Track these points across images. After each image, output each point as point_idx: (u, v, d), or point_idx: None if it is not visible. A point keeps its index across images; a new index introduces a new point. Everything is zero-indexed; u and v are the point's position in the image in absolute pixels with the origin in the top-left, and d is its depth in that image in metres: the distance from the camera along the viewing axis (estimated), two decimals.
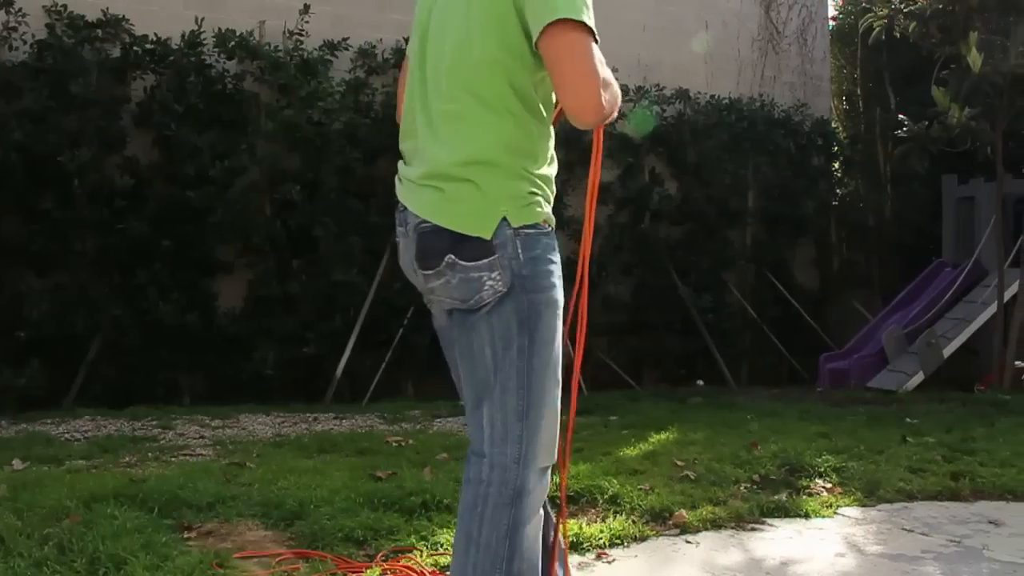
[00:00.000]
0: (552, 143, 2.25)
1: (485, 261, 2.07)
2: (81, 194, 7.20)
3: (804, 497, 4.28)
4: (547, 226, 2.16)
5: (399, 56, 8.59)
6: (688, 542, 3.66)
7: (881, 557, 3.51)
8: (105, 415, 6.43)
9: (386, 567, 3.16)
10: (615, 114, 2.13)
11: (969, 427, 6.08)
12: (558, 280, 2.17)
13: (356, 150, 8.01)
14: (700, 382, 9.21)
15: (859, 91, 11.93)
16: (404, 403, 7.52)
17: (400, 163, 2.31)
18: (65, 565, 2.97)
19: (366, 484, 4.09)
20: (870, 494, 4.35)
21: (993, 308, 8.81)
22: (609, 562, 3.39)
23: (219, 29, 7.74)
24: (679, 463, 4.67)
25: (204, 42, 7.70)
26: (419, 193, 2.17)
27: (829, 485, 4.47)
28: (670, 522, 3.83)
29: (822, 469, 4.69)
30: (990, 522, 3.99)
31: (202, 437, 5.75)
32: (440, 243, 2.09)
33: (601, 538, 3.55)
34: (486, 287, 2.08)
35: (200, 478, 4.10)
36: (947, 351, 8.87)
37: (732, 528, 3.84)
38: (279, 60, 7.88)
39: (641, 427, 5.94)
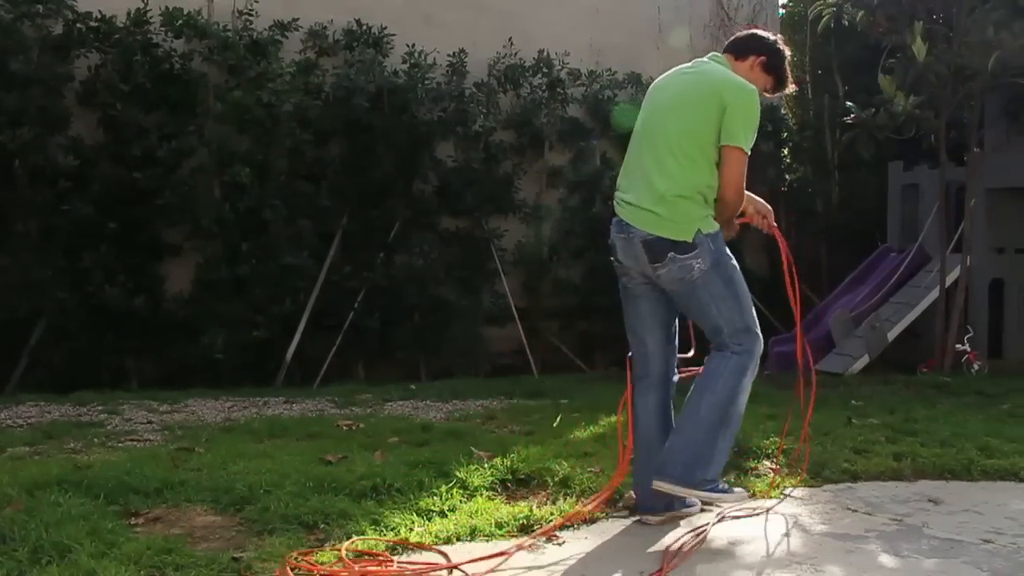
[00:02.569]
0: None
1: (693, 253, 3.45)
2: (23, 175, 7.05)
3: (752, 478, 4.35)
4: (718, 229, 3.54)
5: (350, 38, 8.53)
6: (637, 523, 3.70)
7: (826, 536, 3.58)
8: (49, 401, 6.31)
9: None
10: (741, 206, 3.63)
11: (912, 409, 6.22)
12: (729, 252, 3.58)
13: (306, 132, 7.94)
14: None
15: (808, 78, 12.07)
16: (355, 387, 7.49)
17: (618, 192, 3.64)
18: (6, 554, 2.92)
19: (316, 468, 4.07)
20: (816, 475, 4.43)
21: (936, 293, 9.00)
22: (559, 544, 3.41)
23: (166, 7, 7.61)
24: (629, 445, 4.71)
25: (151, 20, 7.56)
26: (640, 215, 3.50)
27: (776, 466, 4.55)
28: (620, 504, 3.87)
29: (770, 451, 4.77)
30: (930, 501, 4.09)
31: (150, 422, 5.67)
32: (663, 247, 3.45)
33: (551, 520, 3.58)
34: (696, 268, 3.47)
35: (148, 463, 4.05)
36: (891, 334, 9.05)
37: None
38: (228, 40, 7.76)
39: (592, 410, 5.97)
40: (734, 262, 3.57)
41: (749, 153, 3.48)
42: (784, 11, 12.43)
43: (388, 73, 8.38)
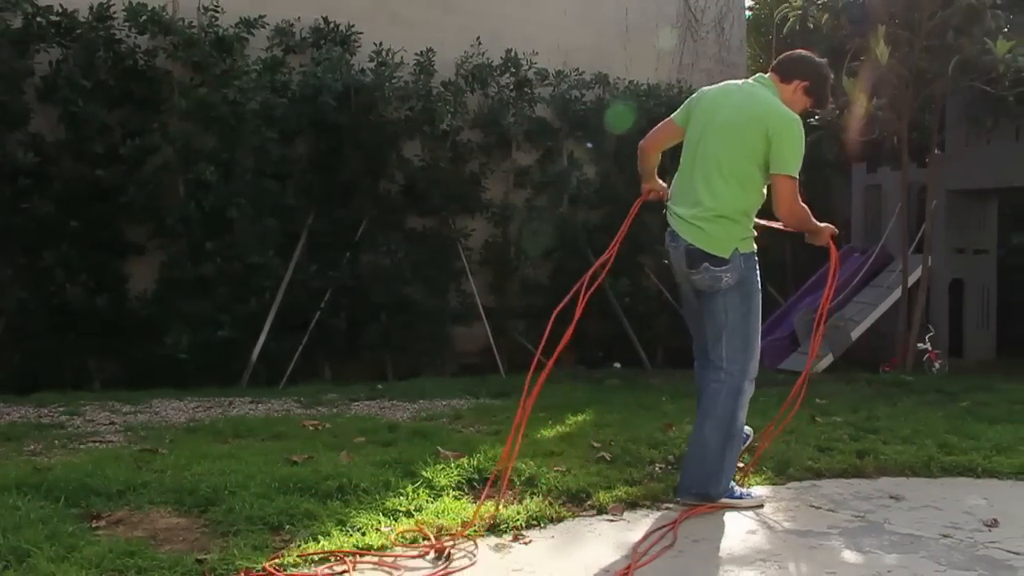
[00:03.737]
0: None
1: (724, 267, 3.83)
2: None
3: None
4: (754, 251, 3.91)
5: (317, 35, 8.48)
6: (604, 522, 3.72)
7: (790, 533, 3.62)
8: (8, 402, 6.20)
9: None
10: (801, 225, 3.92)
11: (874, 407, 6.30)
12: (758, 278, 3.93)
13: (272, 130, 7.87)
14: (617, 364, 9.33)
15: None
16: (321, 387, 7.45)
17: (670, 204, 4.08)
18: None
19: (282, 469, 4.05)
20: (780, 472, 4.47)
21: (898, 292, 9.13)
22: (526, 543, 3.42)
23: (130, 2, 7.51)
24: (595, 444, 4.74)
25: (114, 15, 7.46)
26: (688, 227, 3.90)
27: (741, 464, 4.58)
28: (587, 503, 3.89)
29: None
30: (891, 497, 4.15)
31: (112, 423, 5.60)
32: (701, 257, 3.85)
33: (518, 520, 3.59)
34: (724, 281, 3.84)
35: (110, 465, 4.00)
36: (855, 334, 9.16)
37: (647, 508, 3.91)
38: (193, 36, 7.68)
39: (558, 409, 5.99)
40: (758, 285, 3.94)
41: (798, 177, 3.76)
42: (751, 13, 12.54)
43: (355, 71, 8.34)
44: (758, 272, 3.94)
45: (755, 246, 3.92)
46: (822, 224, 4.00)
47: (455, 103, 8.92)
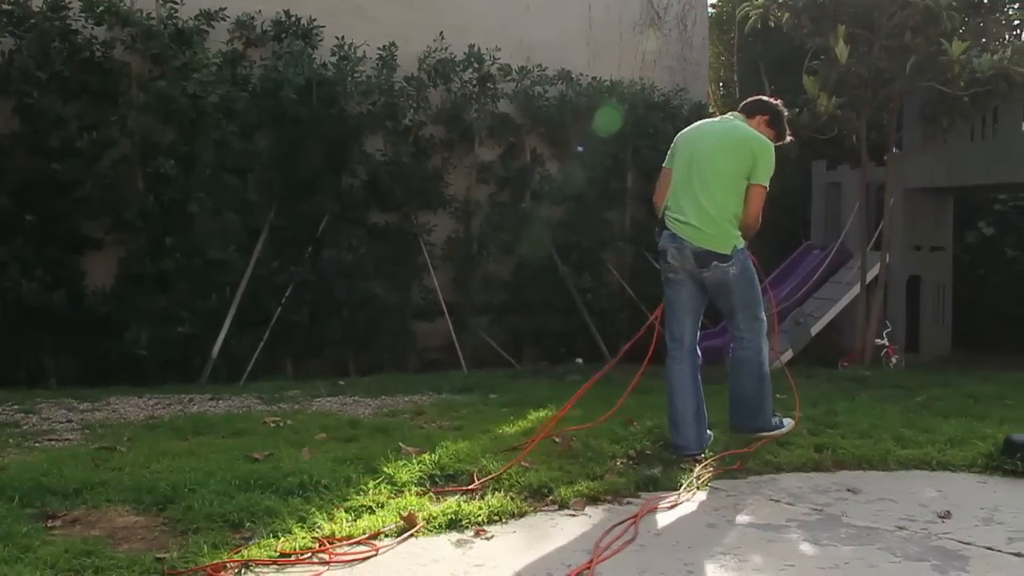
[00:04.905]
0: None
1: (729, 263, 4.68)
2: None
3: (678, 471, 4.41)
4: (745, 245, 4.76)
5: (278, 29, 8.41)
6: (565, 517, 3.73)
7: (749, 527, 3.66)
8: None
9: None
10: (756, 227, 4.79)
11: (833, 402, 6.38)
12: (750, 260, 4.80)
13: (233, 124, 7.79)
14: (579, 360, 9.35)
15: (735, 77, 12.29)
16: (282, 383, 7.40)
17: (669, 212, 4.79)
18: None
19: (242, 466, 4.02)
20: (741, 466, 4.52)
21: (857, 289, 9.25)
22: (488, 539, 3.43)
23: None
24: (557, 440, 4.75)
25: (69, 6, 7.32)
26: (695, 232, 4.68)
27: (702, 458, 4.62)
28: (549, 498, 3.90)
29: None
30: (849, 490, 4.21)
31: (69, 421, 5.52)
32: (709, 257, 4.67)
33: (480, 515, 3.59)
34: (730, 273, 4.69)
35: (66, 464, 3.95)
36: (814, 329, 9.27)
37: (609, 502, 3.93)
38: (152, 28, 7.58)
39: (520, 405, 6.00)
40: (753, 270, 4.86)
41: (766, 188, 4.77)
42: (713, 11, 12.63)
43: (317, 65, 8.27)
44: (750, 260, 4.84)
45: (744, 242, 4.79)
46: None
47: (418, 98, 8.89)
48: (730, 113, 5.06)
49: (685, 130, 5.04)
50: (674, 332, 4.86)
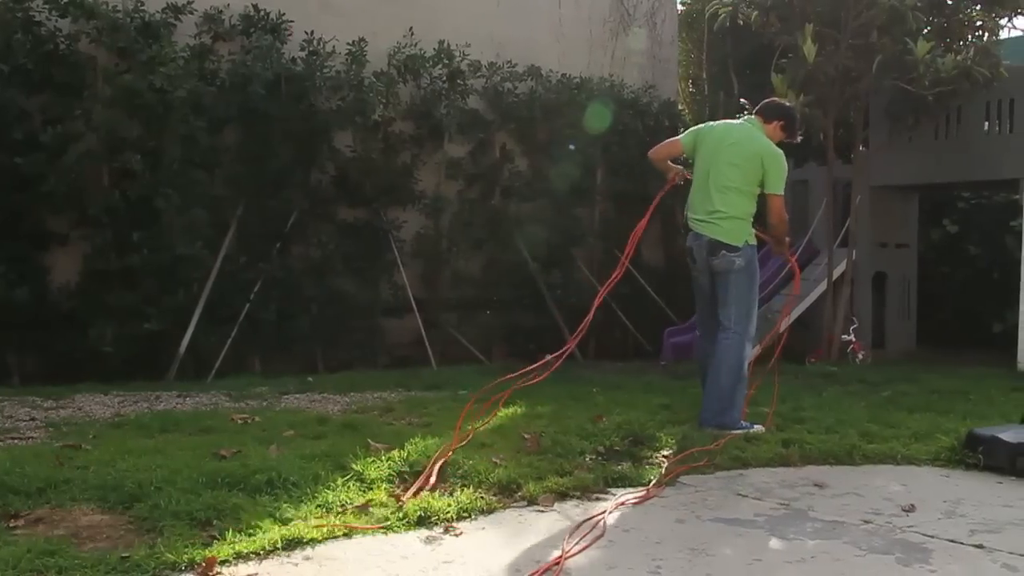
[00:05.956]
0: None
1: (737, 253, 5.22)
2: None
3: (647, 467, 4.44)
4: (755, 244, 5.31)
5: (247, 23, 8.33)
6: (534, 513, 3.74)
7: (717, 522, 3.68)
8: None
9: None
10: (784, 229, 5.43)
11: (800, 397, 6.44)
12: (757, 260, 5.35)
13: (200, 119, 7.70)
14: (548, 357, 9.34)
15: (705, 75, 12.36)
16: (250, 379, 7.34)
17: (690, 213, 5.48)
18: None
19: (210, 463, 3.99)
20: (708, 462, 4.55)
21: (824, 285, 9.34)
22: (457, 535, 3.43)
23: None
24: (526, 436, 4.76)
25: None
26: (709, 226, 5.29)
27: (670, 455, 4.65)
28: (518, 494, 3.91)
29: (664, 440, 4.87)
30: (815, 485, 4.26)
31: (33, 419, 5.45)
32: (720, 246, 5.24)
33: (449, 512, 3.59)
34: (736, 264, 5.21)
35: (29, 462, 3.89)
36: (782, 326, 9.32)
37: (578, 498, 3.95)
38: (118, 22, 7.48)
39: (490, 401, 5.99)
40: (758, 269, 5.39)
41: (784, 195, 5.33)
42: (683, 7, 12.68)
43: (286, 60, 8.21)
44: (756, 260, 5.34)
45: (755, 240, 5.31)
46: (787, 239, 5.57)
47: (387, 93, 8.84)
48: (747, 117, 5.63)
49: (710, 126, 5.59)
50: (702, 319, 5.58)
